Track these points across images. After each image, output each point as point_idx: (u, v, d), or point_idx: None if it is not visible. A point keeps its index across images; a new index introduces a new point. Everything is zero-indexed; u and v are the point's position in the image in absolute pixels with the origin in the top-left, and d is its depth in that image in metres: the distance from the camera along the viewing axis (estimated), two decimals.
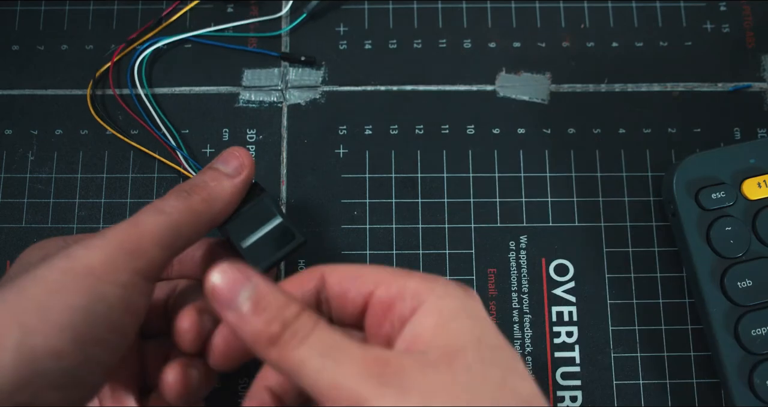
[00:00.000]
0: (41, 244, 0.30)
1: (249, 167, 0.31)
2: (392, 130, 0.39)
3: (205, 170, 0.31)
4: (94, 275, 0.25)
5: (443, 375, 0.22)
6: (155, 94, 0.39)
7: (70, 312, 0.24)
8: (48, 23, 0.40)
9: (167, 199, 0.29)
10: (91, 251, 0.26)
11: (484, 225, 0.38)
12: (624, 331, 0.37)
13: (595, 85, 0.40)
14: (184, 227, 0.28)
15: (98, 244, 0.26)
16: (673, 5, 0.41)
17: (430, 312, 0.24)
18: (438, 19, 0.41)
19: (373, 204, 0.38)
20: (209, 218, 0.29)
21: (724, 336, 0.34)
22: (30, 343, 0.23)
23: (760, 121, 0.39)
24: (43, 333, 0.24)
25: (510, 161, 0.39)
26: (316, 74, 0.40)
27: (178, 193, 0.29)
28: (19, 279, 0.25)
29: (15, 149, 0.38)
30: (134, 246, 0.26)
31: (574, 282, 0.37)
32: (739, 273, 0.34)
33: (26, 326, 0.24)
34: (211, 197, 0.30)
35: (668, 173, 0.36)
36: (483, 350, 0.23)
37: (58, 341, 0.24)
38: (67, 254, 0.26)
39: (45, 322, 0.24)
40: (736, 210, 0.35)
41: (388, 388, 0.22)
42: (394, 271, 0.26)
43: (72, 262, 0.25)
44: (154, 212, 0.28)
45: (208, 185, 0.30)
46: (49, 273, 0.25)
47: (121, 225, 0.27)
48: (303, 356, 0.23)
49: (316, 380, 0.23)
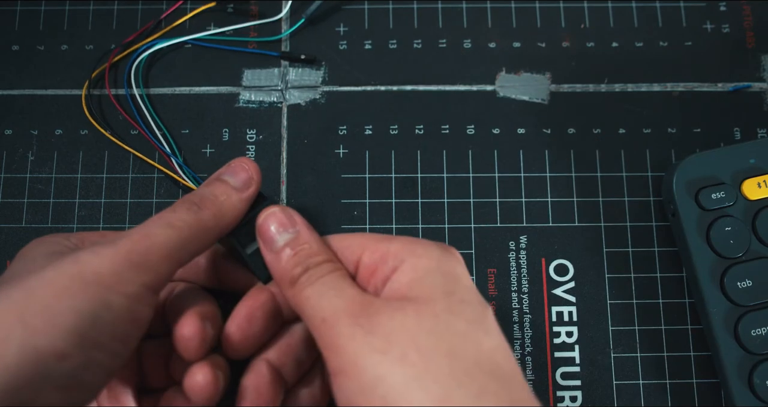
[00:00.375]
0: (43, 239, 0.29)
1: (257, 181, 0.31)
2: (392, 130, 0.39)
3: (213, 182, 0.31)
4: (101, 284, 0.25)
5: (409, 319, 0.25)
6: (155, 94, 0.39)
7: (76, 316, 0.24)
8: (48, 23, 0.40)
9: (177, 212, 0.28)
10: (100, 260, 0.26)
11: (484, 225, 0.38)
12: (624, 331, 0.37)
13: (595, 85, 0.40)
14: (192, 242, 0.28)
15: (108, 253, 0.26)
16: (673, 5, 0.41)
17: (408, 269, 0.26)
18: (438, 19, 0.41)
19: (373, 204, 0.38)
20: (217, 233, 0.29)
21: (724, 336, 0.34)
22: (34, 343, 0.24)
23: (760, 121, 0.39)
24: (48, 334, 0.24)
25: (510, 161, 0.39)
26: (316, 74, 0.40)
27: (188, 206, 0.29)
28: (27, 279, 0.25)
29: (15, 149, 0.38)
30: (142, 259, 0.26)
31: (574, 282, 0.37)
32: (739, 273, 0.34)
33: (31, 326, 0.24)
34: (221, 212, 0.29)
35: (668, 173, 0.37)
36: (453, 303, 0.25)
37: (63, 343, 0.24)
38: (76, 259, 0.26)
39: (50, 324, 0.24)
40: (736, 210, 0.35)
41: (359, 328, 0.25)
42: (378, 237, 0.28)
43: (81, 268, 0.25)
44: (163, 226, 0.27)
45: (217, 199, 0.30)
46: (58, 277, 0.25)
47: (131, 235, 0.27)
48: (309, 293, 0.27)
49: (311, 315, 0.26)
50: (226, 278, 0.33)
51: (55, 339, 0.24)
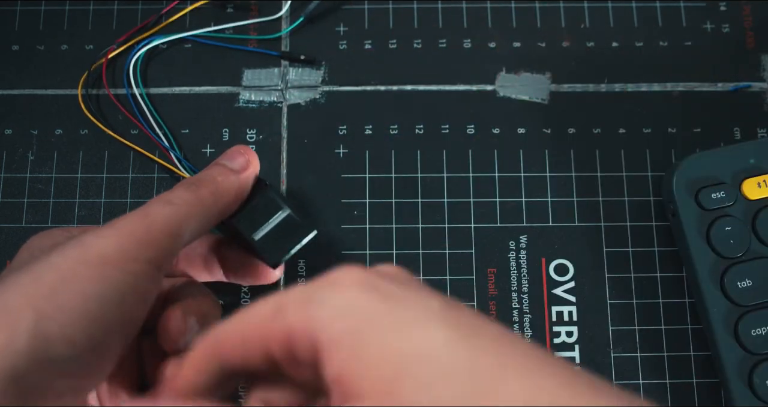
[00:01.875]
0: (47, 233, 0.30)
1: (254, 163, 0.32)
2: (392, 130, 0.39)
3: (211, 166, 0.31)
4: (107, 264, 0.25)
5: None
6: (155, 93, 0.39)
7: (83, 299, 0.25)
8: (48, 23, 0.40)
9: (175, 191, 0.29)
10: (103, 240, 0.26)
11: (484, 225, 0.38)
12: (624, 331, 0.37)
13: (595, 85, 0.40)
14: (192, 218, 0.28)
15: (110, 233, 0.26)
16: (673, 5, 0.41)
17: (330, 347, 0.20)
18: (438, 19, 0.41)
19: (373, 204, 0.38)
20: (217, 211, 0.30)
21: (724, 336, 0.34)
22: (44, 329, 0.24)
23: (760, 121, 0.39)
24: (58, 319, 0.24)
25: (510, 161, 0.39)
26: (316, 74, 0.40)
27: (186, 186, 0.29)
28: (33, 265, 0.25)
29: (15, 149, 0.38)
30: (145, 236, 0.27)
31: (574, 282, 0.37)
32: (739, 273, 0.34)
33: (41, 311, 0.24)
34: (219, 190, 0.30)
35: (668, 173, 0.36)
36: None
37: (71, 328, 0.24)
38: (80, 243, 0.26)
39: (59, 309, 0.24)
40: (736, 210, 0.35)
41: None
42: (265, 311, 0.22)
43: (85, 250, 0.26)
44: (162, 203, 0.28)
45: (215, 178, 0.30)
46: (63, 261, 0.25)
47: (131, 216, 0.27)
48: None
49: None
50: (231, 270, 0.33)
51: (65, 325, 0.24)
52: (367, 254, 0.37)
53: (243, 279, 0.34)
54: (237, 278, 0.34)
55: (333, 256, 0.37)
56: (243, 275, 0.34)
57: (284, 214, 0.32)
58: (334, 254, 0.37)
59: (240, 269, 0.33)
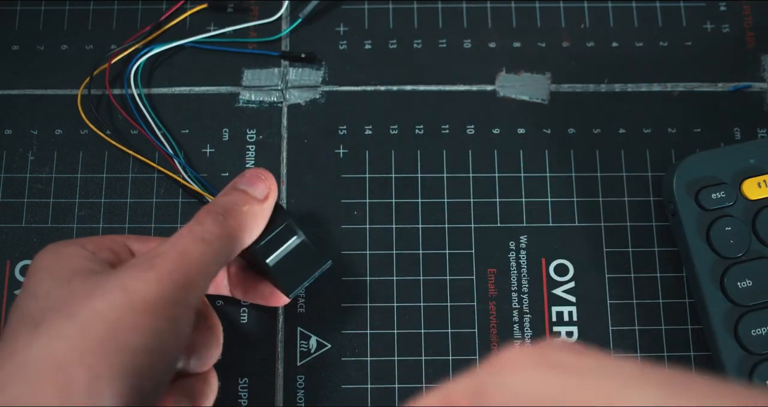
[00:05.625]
0: (59, 250, 0.28)
1: (274, 190, 0.31)
2: (392, 130, 0.39)
3: (232, 191, 0.31)
4: (151, 312, 0.25)
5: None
6: (155, 94, 0.39)
7: (132, 354, 0.24)
8: (48, 23, 0.40)
9: (205, 224, 0.28)
10: (146, 286, 0.25)
11: (484, 225, 0.38)
12: (624, 331, 0.37)
13: (595, 85, 0.40)
14: (222, 254, 0.28)
15: (151, 277, 0.25)
16: (673, 5, 0.41)
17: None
18: (438, 19, 0.41)
19: (373, 204, 0.38)
20: (242, 244, 0.29)
21: (724, 336, 0.34)
22: (97, 388, 0.23)
23: (760, 121, 0.39)
24: (109, 377, 0.23)
25: (510, 161, 0.39)
26: (316, 74, 0.40)
27: (213, 217, 0.28)
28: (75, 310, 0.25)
29: (15, 149, 0.38)
30: (186, 280, 0.26)
31: (574, 282, 0.37)
32: (739, 273, 0.34)
33: (94, 370, 0.23)
34: (246, 222, 0.29)
35: (668, 173, 0.37)
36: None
37: (121, 386, 0.24)
38: (122, 288, 0.25)
39: (110, 366, 0.24)
40: (736, 210, 0.35)
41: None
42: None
43: (129, 297, 0.25)
44: (196, 241, 0.27)
45: (241, 209, 0.29)
46: (109, 309, 0.25)
47: (166, 254, 0.26)
48: None
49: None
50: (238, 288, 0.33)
51: (115, 382, 0.23)
52: (367, 254, 0.37)
53: (251, 299, 0.34)
54: (246, 297, 0.34)
55: (333, 256, 0.37)
56: (253, 296, 0.33)
57: (299, 240, 0.32)
58: (335, 254, 0.37)
59: (250, 291, 0.33)
